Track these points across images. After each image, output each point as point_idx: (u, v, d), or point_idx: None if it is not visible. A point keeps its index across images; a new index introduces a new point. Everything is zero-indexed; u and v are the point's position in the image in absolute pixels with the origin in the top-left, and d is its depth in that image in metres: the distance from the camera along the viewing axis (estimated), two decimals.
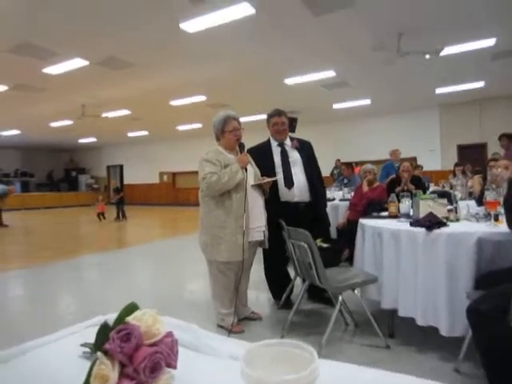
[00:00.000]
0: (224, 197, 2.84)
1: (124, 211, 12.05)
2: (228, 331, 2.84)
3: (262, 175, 3.08)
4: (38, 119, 12.59)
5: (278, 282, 3.56)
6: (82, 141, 18.70)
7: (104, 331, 0.68)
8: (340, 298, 2.60)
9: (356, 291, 2.67)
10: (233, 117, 2.99)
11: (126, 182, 20.75)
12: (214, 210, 2.87)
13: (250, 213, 2.87)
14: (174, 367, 0.70)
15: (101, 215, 11.90)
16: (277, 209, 3.20)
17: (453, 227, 2.46)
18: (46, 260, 6.01)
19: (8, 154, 20.14)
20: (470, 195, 4.03)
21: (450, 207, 2.84)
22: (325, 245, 3.18)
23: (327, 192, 4.83)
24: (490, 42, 6.56)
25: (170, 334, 0.72)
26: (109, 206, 13.52)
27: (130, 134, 16.85)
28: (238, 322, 3.02)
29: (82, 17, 5.15)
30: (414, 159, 11.50)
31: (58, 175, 22.76)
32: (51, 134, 15.78)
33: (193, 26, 5.43)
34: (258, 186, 3.01)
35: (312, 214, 3.39)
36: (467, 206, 2.84)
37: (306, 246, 2.59)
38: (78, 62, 6.97)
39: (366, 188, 5.03)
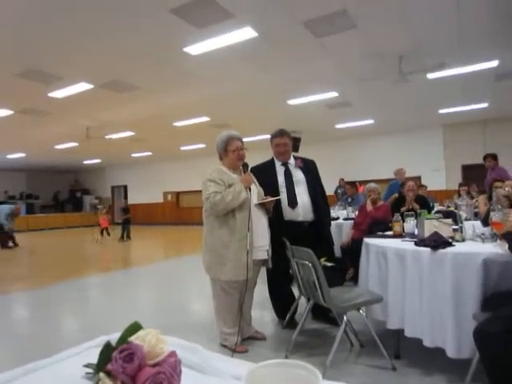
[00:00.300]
0: (228, 216, 2.84)
1: (129, 231, 12.04)
2: (232, 351, 2.80)
3: (265, 194, 3.09)
4: (43, 142, 12.75)
5: (282, 302, 3.53)
6: (86, 162, 18.88)
7: (107, 351, 0.68)
8: (345, 317, 2.56)
9: (361, 311, 2.63)
10: (236, 137, 3.01)
11: (130, 201, 20.80)
12: (218, 229, 2.87)
13: (254, 232, 2.87)
14: None
15: (104, 231, 11.78)
16: (281, 228, 3.19)
17: (459, 247, 2.44)
18: (50, 281, 5.99)
19: (14, 177, 20.32)
20: (476, 215, 4.01)
21: (455, 227, 2.82)
22: (329, 264, 3.16)
23: (331, 211, 4.83)
24: (492, 63, 6.58)
25: (173, 354, 0.71)
26: (113, 226, 13.52)
27: (134, 155, 17.00)
28: (242, 342, 2.99)
29: (86, 42, 5.27)
30: (418, 178, 11.51)
31: (63, 196, 22.90)
32: (56, 156, 15.95)
33: (196, 49, 5.54)
34: (262, 205, 3.02)
35: (316, 233, 3.38)
36: (473, 226, 2.82)
37: (310, 264, 2.58)
38: (82, 86, 7.09)
39: (369, 207, 5.02)
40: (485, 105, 9.71)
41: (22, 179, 20.95)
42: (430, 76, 7.08)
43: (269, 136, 3.68)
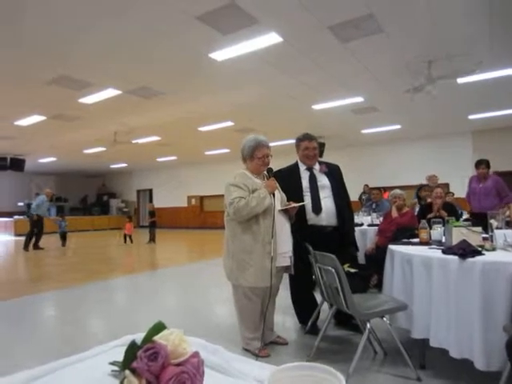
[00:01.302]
0: (251, 222, 2.82)
1: (155, 234, 12.22)
2: (255, 355, 2.80)
3: (288, 199, 3.07)
4: (72, 146, 13.16)
5: (304, 307, 3.50)
6: (113, 166, 19.33)
7: (132, 350, 0.69)
8: (368, 325, 2.52)
9: (385, 319, 2.59)
10: (265, 144, 2.97)
11: (155, 205, 21.15)
12: (241, 234, 2.85)
13: (278, 238, 2.84)
14: None
15: (128, 237, 11.92)
16: (304, 233, 3.17)
17: (488, 256, 2.36)
18: (79, 282, 6.15)
19: (44, 180, 21.01)
20: (508, 224, 3.87)
21: (485, 235, 2.74)
22: (352, 270, 3.13)
23: (355, 217, 4.77)
24: None
25: (196, 355, 0.72)
26: (138, 230, 13.73)
27: (159, 159, 17.29)
28: (264, 347, 2.98)
29: (115, 49, 5.42)
30: (447, 186, 11.23)
31: (91, 199, 23.53)
32: (85, 160, 16.42)
33: (222, 55, 5.62)
34: (285, 212, 2.99)
35: (340, 239, 3.34)
36: (504, 235, 2.72)
37: (333, 270, 2.56)
38: (111, 92, 7.30)
39: (395, 213, 4.95)
40: None
41: (51, 182, 21.62)
42: (460, 81, 6.92)
43: (292, 141, 3.66)
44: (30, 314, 4.41)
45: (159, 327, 0.74)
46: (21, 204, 19.38)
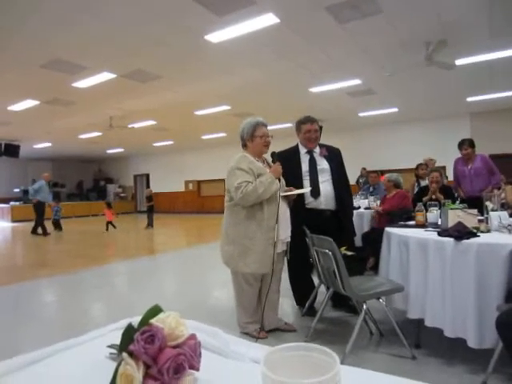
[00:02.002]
0: (255, 207, 2.78)
1: (152, 219, 12.22)
2: (254, 338, 2.82)
3: (287, 183, 3.05)
4: (67, 132, 13.03)
5: (302, 289, 3.54)
6: (109, 151, 19.21)
7: (129, 333, 0.70)
8: (364, 306, 2.56)
9: (381, 300, 2.62)
10: (264, 123, 2.96)
11: (152, 190, 21.14)
12: (245, 220, 2.80)
13: (280, 224, 2.83)
14: (197, 369, 0.71)
15: (110, 224, 11.53)
16: (302, 216, 3.18)
17: (484, 238, 2.39)
18: (77, 267, 6.18)
19: (40, 166, 20.86)
20: (503, 206, 3.89)
21: (480, 217, 2.76)
22: (349, 253, 3.16)
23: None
24: None
25: (193, 337, 0.73)
26: (135, 215, 13.68)
27: (156, 144, 17.19)
28: (268, 332, 2.99)
29: (109, 32, 5.32)
30: (443, 169, 11.23)
31: (88, 185, 23.43)
32: (80, 145, 16.29)
33: (217, 36, 5.52)
34: (285, 197, 2.97)
35: (338, 223, 3.35)
36: (499, 217, 2.74)
37: (330, 253, 2.58)
38: (105, 76, 7.19)
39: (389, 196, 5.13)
40: None
41: (48, 168, 21.44)
42: (459, 62, 6.86)
43: (290, 125, 3.64)
44: (28, 300, 4.44)
45: (156, 310, 0.74)
46: (17, 190, 19.30)
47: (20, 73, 6.93)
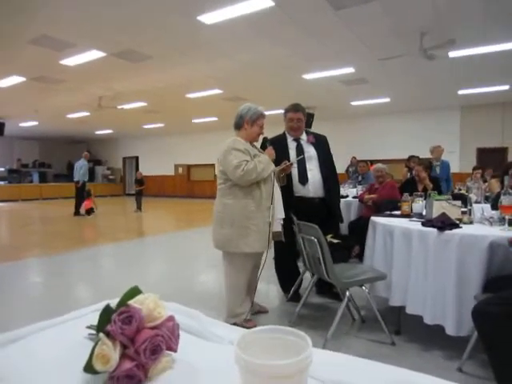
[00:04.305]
0: (253, 187, 2.80)
1: (141, 203, 12.15)
2: (242, 327, 2.80)
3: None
4: (55, 110, 12.77)
5: (287, 276, 3.58)
6: (98, 132, 18.94)
7: (107, 314, 0.70)
8: (347, 293, 2.60)
9: (364, 287, 2.67)
10: (264, 115, 3.00)
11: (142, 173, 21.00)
12: (243, 200, 2.80)
13: (276, 204, 2.88)
14: (175, 350, 0.72)
15: (90, 211, 11.03)
16: (291, 203, 3.20)
17: (466, 229, 2.44)
18: (63, 249, 6.15)
19: (27, 145, 20.51)
20: (487, 199, 3.96)
21: (464, 209, 2.80)
22: (335, 240, 3.18)
23: (341, 189, 4.82)
24: None
25: (171, 318, 0.74)
26: (124, 198, 13.57)
27: (146, 126, 16.98)
28: (251, 317, 2.99)
29: (98, 9, 5.19)
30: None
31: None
32: (68, 125, 16.00)
33: (210, 18, 5.43)
34: (280, 174, 3.05)
35: (326, 210, 3.38)
36: (482, 209, 2.80)
37: (315, 240, 2.60)
38: (95, 54, 7.03)
39: (377, 186, 5.12)
40: (506, 87, 9.43)
41: (34, 148, 21.14)
42: (452, 54, 6.86)
43: (280, 111, 3.62)
44: (13, 280, 4.41)
45: (134, 292, 0.74)
46: (1, 169, 18.94)
47: (5, 47, 6.73)
